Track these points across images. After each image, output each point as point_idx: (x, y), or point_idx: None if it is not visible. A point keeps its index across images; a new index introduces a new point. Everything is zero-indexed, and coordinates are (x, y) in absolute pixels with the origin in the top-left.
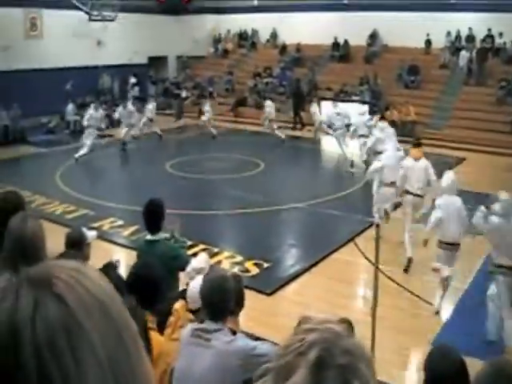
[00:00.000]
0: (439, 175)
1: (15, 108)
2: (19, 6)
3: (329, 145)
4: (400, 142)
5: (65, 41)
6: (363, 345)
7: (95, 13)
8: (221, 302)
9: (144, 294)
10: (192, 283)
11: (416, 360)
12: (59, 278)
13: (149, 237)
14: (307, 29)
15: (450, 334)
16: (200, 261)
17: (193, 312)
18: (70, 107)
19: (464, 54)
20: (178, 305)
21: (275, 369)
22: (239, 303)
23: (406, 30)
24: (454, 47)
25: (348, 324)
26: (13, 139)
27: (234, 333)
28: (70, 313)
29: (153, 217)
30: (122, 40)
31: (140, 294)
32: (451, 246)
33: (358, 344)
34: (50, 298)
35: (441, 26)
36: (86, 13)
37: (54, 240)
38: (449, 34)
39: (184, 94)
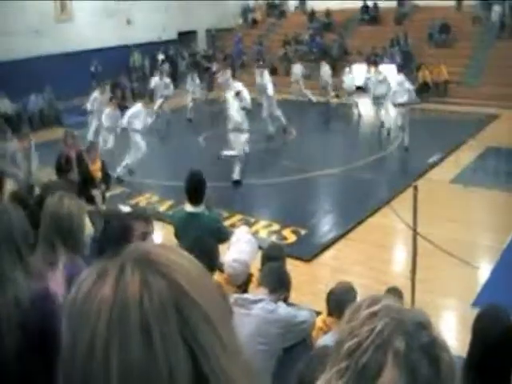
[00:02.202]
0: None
1: (48, 91)
2: None
3: (362, 108)
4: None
5: (94, 22)
6: (420, 308)
7: None
8: (283, 286)
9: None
10: (229, 261)
11: (457, 322)
12: (162, 258)
13: (190, 208)
14: None
15: (491, 294)
16: (245, 233)
17: (236, 287)
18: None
19: (496, 8)
20: (219, 278)
21: (354, 369)
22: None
23: None
24: (486, 2)
25: (395, 291)
26: (48, 122)
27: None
28: (179, 288)
29: (195, 188)
30: (151, 17)
31: None
32: None
33: (419, 311)
34: (158, 278)
35: None
36: None
37: None
38: None
39: (214, 67)
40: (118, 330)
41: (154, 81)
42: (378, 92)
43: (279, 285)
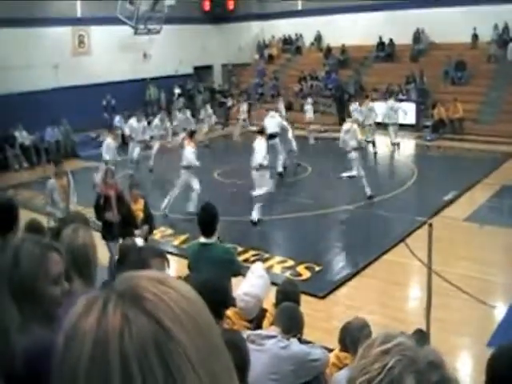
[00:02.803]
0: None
1: (65, 124)
2: (68, 24)
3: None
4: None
5: (112, 55)
6: (434, 346)
7: (141, 26)
8: (295, 327)
9: (212, 304)
10: (240, 294)
11: (471, 362)
12: (148, 292)
13: (203, 240)
14: (351, 30)
15: (506, 333)
16: (260, 268)
17: (248, 321)
18: (117, 120)
19: None
20: (230, 312)
21: None
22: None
23: (451, 26)
24: (502, 40)
25: (420, 333)
26: (64, 154)
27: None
28: (162, 326)
29: (207, 220)
30: (167, 51)
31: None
32: None
33: (432, 349)
34: (139, 313)
35: (488, 19)
36: (132, 27)
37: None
38: (496, 26)
39: (230, 102)
40: (99, 363)
41: (178, 118)
42: (367, 119)
43: (292, 326)
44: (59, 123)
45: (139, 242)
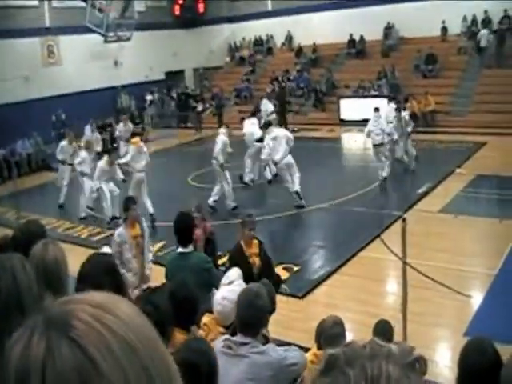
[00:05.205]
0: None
1: (35, 136)
2: (36, 35)
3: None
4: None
5: (82, 65)
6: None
7: (111, 34)
8: (253, 318)
9: (181, 314)
10: (218, 299)
11: (449, 353)
12: (79, 319)
13: (181, 249)
14: (322, 29)
15: (483, 322)
16: (237, 275)
17: (224, 327)
18: (88, 130)
19: (482, 37)
20: (207, 319)
21: None
22: (270, 310)
23: (421, 20)
24: (471, 32)
25: (385, 323)
26: (36, 167)
27: (266, 340)
28: (87, 357)
29: (184, 230)
30: (138, 58)
31: (177, 315)
32: None
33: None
34: (64, 343)
35: (456, 12)
36: (102, 35)
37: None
38: (465, 18)
39: (200, 107)
40: None
41: (118, 128)
42: None
43: (250, 318)
44: (30, 135)
45: (107, 249)
